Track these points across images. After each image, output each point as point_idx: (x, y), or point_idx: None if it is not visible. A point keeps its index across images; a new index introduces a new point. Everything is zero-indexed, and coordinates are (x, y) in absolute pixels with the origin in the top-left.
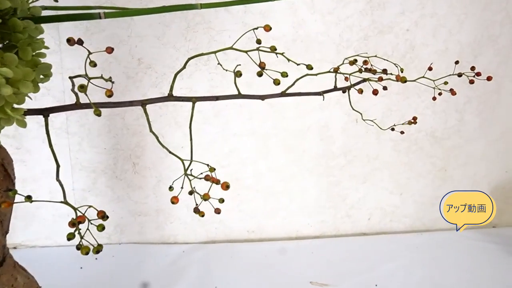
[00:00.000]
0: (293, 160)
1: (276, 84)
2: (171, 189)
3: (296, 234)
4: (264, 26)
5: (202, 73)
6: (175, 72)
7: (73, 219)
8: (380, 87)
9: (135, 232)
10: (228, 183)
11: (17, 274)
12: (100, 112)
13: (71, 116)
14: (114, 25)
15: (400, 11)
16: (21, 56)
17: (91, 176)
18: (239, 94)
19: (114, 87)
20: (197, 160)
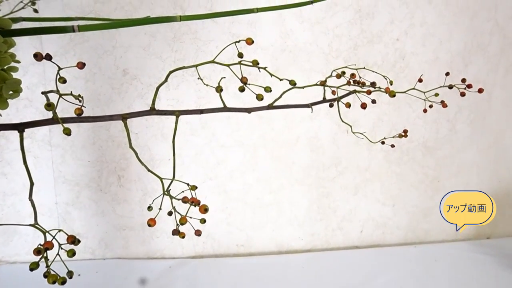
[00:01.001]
0: (282, 172)
1: (259, 99)
2: (150, 209)
3: (286, 248)
4: (246, 40)
5: (188, 84)
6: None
7: (39, 246)
8: (369, 100)
9: (120, 247)
10: (206, 206)
11: None
12: (70, 131)
13: (54, 128)
14: (99, 36)
15: (389, 20)
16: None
17: (74, 190)
18: (224, 107)
19: (99, 99)
20: (185, 172)
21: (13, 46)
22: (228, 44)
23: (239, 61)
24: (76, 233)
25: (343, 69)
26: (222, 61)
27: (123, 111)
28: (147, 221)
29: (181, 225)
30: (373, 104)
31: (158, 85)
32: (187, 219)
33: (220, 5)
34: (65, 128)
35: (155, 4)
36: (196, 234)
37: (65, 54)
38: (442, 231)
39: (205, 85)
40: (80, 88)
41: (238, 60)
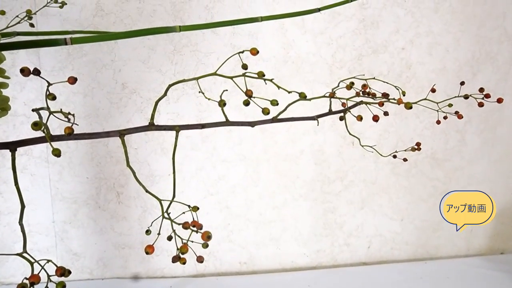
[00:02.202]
0: (285, 186)
1: (265, 113)
2: (148, 233)
3: (291, 265)
4: (251, 50)
5: (189, 97)
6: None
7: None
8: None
9: (119, 266)
10: (209, 233)
11: None
12: (59, 152)
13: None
14: (97, 49)
15: (394, 29)
16: None
17: (72, 207)
18: (227, 121)
19: (97, 114)
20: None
21: (2, 61)
22: (231, 55)
23: (243, 73)
24: (74, 252)
25: (352, 80)
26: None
27: (122, 126)
28: (144, 249)
29: (182, 254)
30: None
31: (157, 99)
32: (188, 247)
33: (220, 16)
34: (54, 149)
35: (154, 17)
36: (198, 261)
37: (63, 69)
38: (453, 246)
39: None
40: (79, 103)
41: (241, 71)
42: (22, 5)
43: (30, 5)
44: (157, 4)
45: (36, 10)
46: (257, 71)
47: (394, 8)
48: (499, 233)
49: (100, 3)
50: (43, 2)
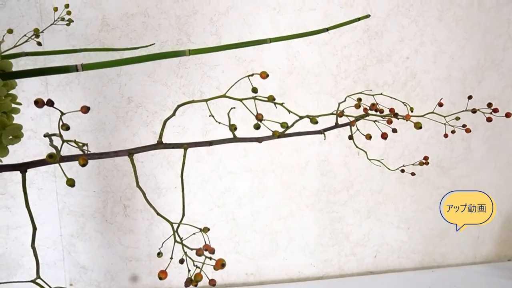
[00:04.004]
0: (291, 197)
1: (276, 136)
2: (160, 255)
3: (298, 275)
4: (261, 73)
5: (194, 110)
6: (166, 110)
7: None
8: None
9: (126, 279)
10: (223, 261)
11: None
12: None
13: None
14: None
15: (398, 39)
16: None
17: (79, 221)
18: (234, 138)
19: (104, 128)
20: (192, 200)
21: (14, 87)
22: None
23: (254, 96)
24: (82, 265)
25: (359, 95)
26: (228, 85)
27: (128, 139)
28: (158, 274)
29: (197, 282)
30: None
31: (166, 118)
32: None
33: (225, 30)
34: (69, 179)
35: (160, 31)
36: (210, 284)
37: (69, 83)
38: (460, 254)
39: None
40: (85, 117)
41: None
42: (28, 21)
43: (36, 21)
44: (162, 18)
45: (42, 26)
46: (271, 94)
47: (398, 17)
48: (506, 240)
49: (105, 18)
50: (49, 18)
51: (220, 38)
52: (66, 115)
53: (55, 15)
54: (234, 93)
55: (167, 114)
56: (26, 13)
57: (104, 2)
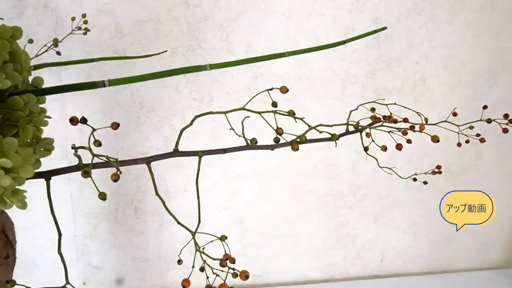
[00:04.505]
0: (298, 201)
1: (295, 149)
2: (180, 263)
3: (304, 278)
4: (281, 88)
5: (205, 116)
6: (177, 114)
7: None
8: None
9: (137, 279)
10: (247, 273)
11: None
12: (105, 196)
13: (73, 163)
14: (116, 70)
15: (408, 43)
16: (21, 136)
17: (92, 222)
18: (247, 145)
19: (116, 133)
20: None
21: (44, 102)
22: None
23: (274, 111)
24: (94, 265)
25: (372, 104)
26: (238, 90)
27: (140, 143)
28: (181, 282)
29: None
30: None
31: (182, 128)
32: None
33: (235, 36)
34: (101, 193)
35: (170, 37)
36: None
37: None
38: (467, 260)
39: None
40: (99, 122)
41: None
42: (45, 29)
43: (53, 29)
44: (173, 25)
45: (58, 34)
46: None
47: (408, 22)
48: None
49: (118, 25)
50: (65, 26)
51: (230, 43)
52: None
53: (73, 24)
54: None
55: (177, 118)
56: (43, 22)
57: (117, 9)
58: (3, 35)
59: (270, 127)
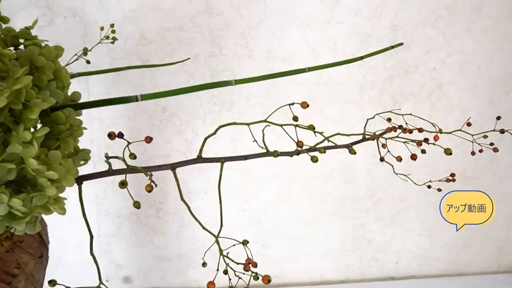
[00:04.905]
0: (316, 203)
1: (314, 161)
2: (205, 265)
3: (320, 279)
4: (301, 103)
5: (225, 119)
6: (198, 119)
7: None
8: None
9: (157, 277)
10: (270, 278)
11: None
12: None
13: (97, 164)
14: (140, 76)
15: (425, 50)
16: (63, 148)
17: (116, 222)
18: (267, 152)
19: (140, 135)
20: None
21: (80, 115)
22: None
23: (295, 124)
24: (117, 263)
25: (388, 114)
26: (257, 95)
27: (162, 146)
28: (207, 284)
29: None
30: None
31: (207, 136)
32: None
33: (255, 43)
34: (135, 202)
35: (193, 44)
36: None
37: (109, 94)
38: (482, 263)
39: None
40: (122, 125)
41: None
42: (73, 36)
43: (81, 36)
44: (195, 32)
45: (86, 41)
46: (311, 124)
47: (425, 29)
48: None
49: (143, 32)
50: (92, 33)
51: (250, 50)
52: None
53: (101, 34)
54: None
55: (198, 123)
56: (72, 29)
57: (142, 17)
58: (48, 56)
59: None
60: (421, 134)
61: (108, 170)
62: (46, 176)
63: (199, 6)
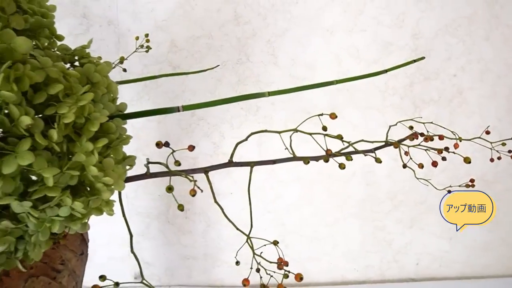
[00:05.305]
0: (337, 205)
1: (342, 168)
2: (238, 264)
3: (341, 279)
4: (330, 114)
5: (251, 123)
6: (225, 123)
7: None
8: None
9: (184, 276)
10: (302, 276)
11: None
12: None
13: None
14: (170, 81)
15: (446, 57)
16: (114, 155)
17: (145, 221)
18: (294, 157)
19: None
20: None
21: (125, 123)
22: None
23: (325, 134)
24: (145, 261)
25: (410, 122)
26: (282, 101)
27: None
28: (242, 281)
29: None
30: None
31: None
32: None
33: (281, 50)
34: (179, 205)
35: (221, 51)
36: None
37: (140, 99)
38: (502, 266)
39: (267, 123)
40: (152, 129)
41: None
42: (108, 44)
43: (114, 43)
44: (224, 40)
45: (120, 48)
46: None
47: (446, 37)
48: None
49: (174, 40)
50: (125, 41)
51: (276, 57)
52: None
53: (136, 43)
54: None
55: (226, 126)
56: (106, 37)
57: (174, 26)
58: (103, 72)
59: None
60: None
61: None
62: (102, 182)
63: (227, 15)
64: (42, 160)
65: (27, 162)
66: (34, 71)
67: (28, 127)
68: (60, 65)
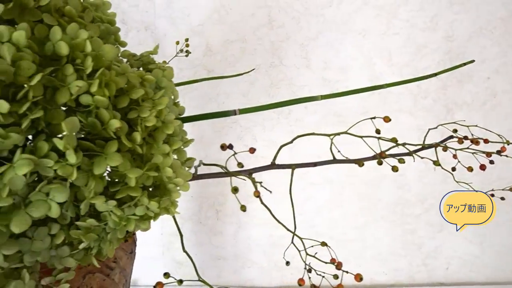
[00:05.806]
0: (367, 208)
1: (395, 171)
2: (288, 264)
3: (370, 282)
4: (384, 118)
5: (282, 126)
6: (258, 125)
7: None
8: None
9: (214, 275)
10: (361, 276)
11: None
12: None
13: None
14: (205, 85)
15: (480, 59)
16: (178, 157)
17: (178, 222)
18: (334, 160)
19: (201, 141)
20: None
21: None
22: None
23: (378, 137)
24: (177, 261)
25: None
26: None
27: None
28: (297, 281)
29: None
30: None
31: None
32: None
33: (313, 53)
34: (242, 206)
35: (255, 55)
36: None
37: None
38: None
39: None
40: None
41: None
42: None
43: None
44: (257, 44)
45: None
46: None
47: (480, 39)
48: None
49: (209, 44)
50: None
51: (309, 61)
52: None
53: (177, 47)
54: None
55: (258, 129)
56: (144, 42)
57: (208, 31)
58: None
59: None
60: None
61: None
62: (174, 183)
63: (261, 19)
64: (127, 161)
65: (115, 163)
66: (117, 76)
67: (116, 130)
68: (138, 71)
